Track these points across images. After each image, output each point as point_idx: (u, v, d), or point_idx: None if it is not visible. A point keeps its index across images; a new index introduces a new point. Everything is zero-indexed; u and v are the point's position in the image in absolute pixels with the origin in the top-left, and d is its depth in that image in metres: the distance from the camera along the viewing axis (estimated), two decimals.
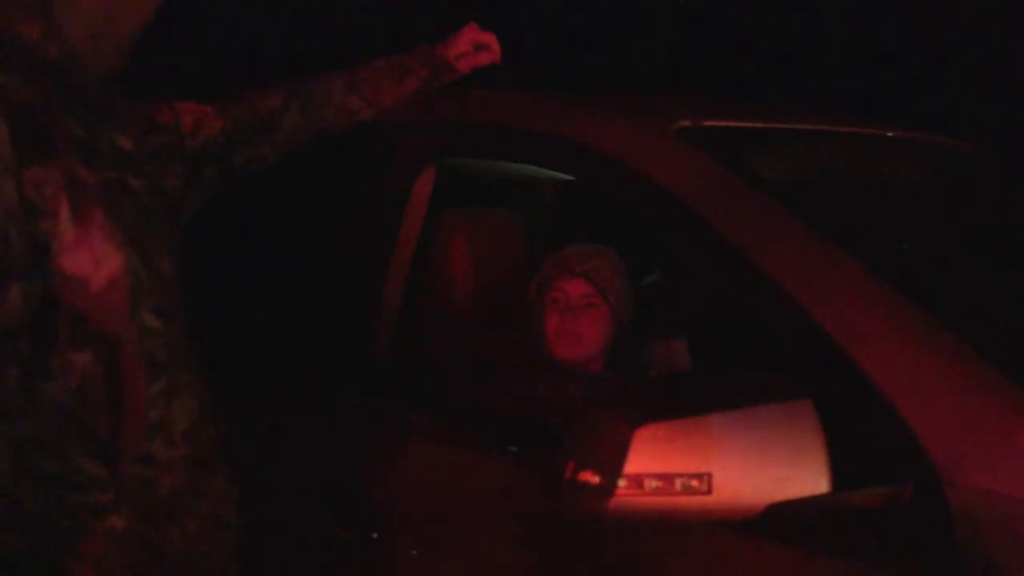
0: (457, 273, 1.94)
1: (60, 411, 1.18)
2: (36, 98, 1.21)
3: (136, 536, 1.20)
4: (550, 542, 1.41)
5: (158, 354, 1.21)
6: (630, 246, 2.43)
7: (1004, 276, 1.58)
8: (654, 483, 1.15)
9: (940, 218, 1.74)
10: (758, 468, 1.16)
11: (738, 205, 1.43)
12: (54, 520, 1.18)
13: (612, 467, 1.15)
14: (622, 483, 1.15)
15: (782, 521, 1.17)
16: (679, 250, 1.58)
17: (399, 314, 1.83)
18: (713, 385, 1.24)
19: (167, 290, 1.26)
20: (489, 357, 1.87)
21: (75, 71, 1.25)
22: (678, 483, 1.16)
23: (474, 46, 1.78)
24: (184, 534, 1.25)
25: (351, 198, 1.89)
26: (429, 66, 1.75)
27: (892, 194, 1.76)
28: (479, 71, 1.82)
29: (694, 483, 1.16)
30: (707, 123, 1.61)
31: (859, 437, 1.21)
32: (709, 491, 1.16)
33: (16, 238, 1.17)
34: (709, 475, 1.16)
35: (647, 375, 1.77)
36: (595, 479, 1.16)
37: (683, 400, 1.19)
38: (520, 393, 1.79)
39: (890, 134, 1.94)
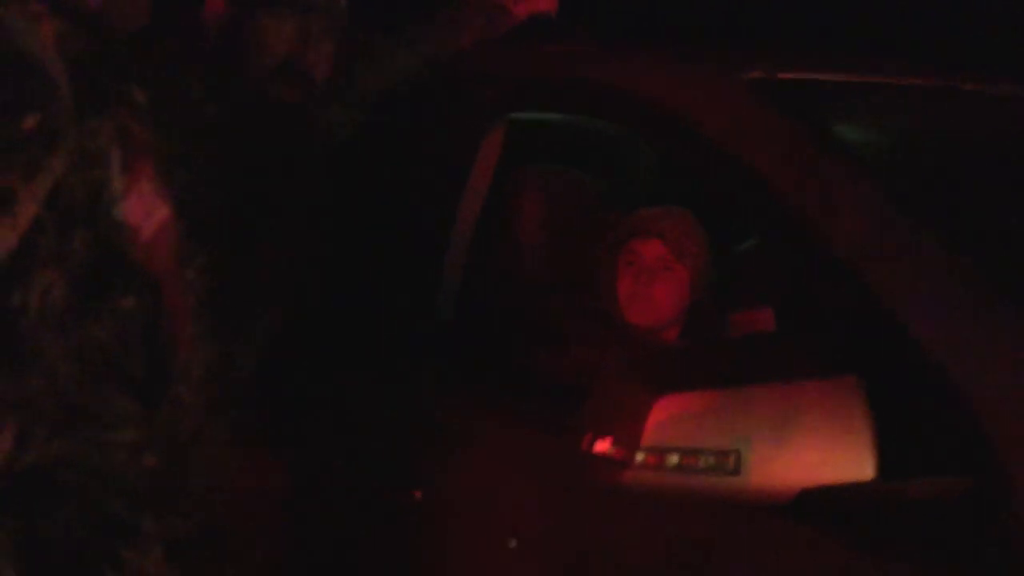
0: (526, 233, 1.88)
1: (102, 352, 1.22)
2: (89, 48, 1.24)
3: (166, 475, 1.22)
4: (591, 513, 1.34)
5: (191, 306, 1.22)
6: (733, 213, 2.31)
7: None
8: (676, 458, 1.07)
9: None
10: (793, 449, 1.06)
11: (805, 167, 1.31)
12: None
13: (630, 438, 1.07)
14: (641, 456, 1.07)
15: (817, 509, 1.06)
16: (748, 213, 1.47)
17: (464, 276, 1.78)
18: (749, 356, 1.13)
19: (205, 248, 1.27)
20: (556, 321, 1.81)
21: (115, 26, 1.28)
22: (702, 460, 1.07)
23: None
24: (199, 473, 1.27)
25: (419, 155, 1.85)
26: (484, 13, 1.70)
27: (987, 159, 1.58)
28: (538, 24, 1.75)
29: (720, 461, 1.06)
30: (782, 75, 1.48)
31: (914, 423, 1.09)
32: (736, 471, 1.06)
33: (78, 187, 1.21)
34: (737, 453, 1.06)
35: (683, 343, 1.66)
36: (612, 451, 1.09)
37: (713, 370, 1.09)
38: (587, 360, 1.72)
39: (991, 90, 1.73)
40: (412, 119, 1.81)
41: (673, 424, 1.06)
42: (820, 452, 1.06)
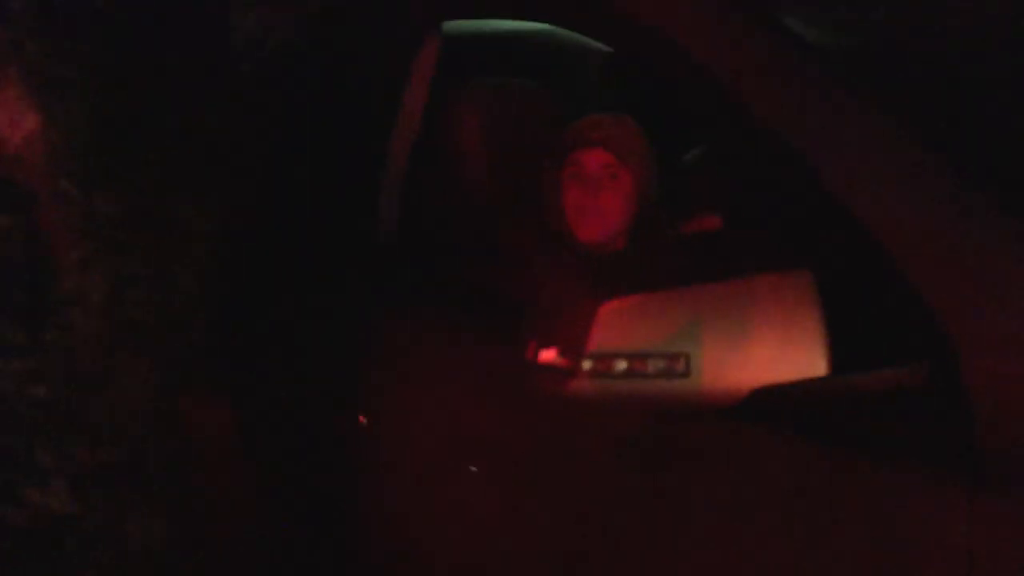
0: (469, 147, 1.81)
1: None
2: None
3: (61, 406, 1.17)
4: (528, 426, 1.31)
5: (74, 222, 1.15)
6: (681, 120, 2.25)
7: None
8: (623, 364, 1.03)
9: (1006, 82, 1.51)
10: (744, 348, 1.02)
11: (757, 60, 1.25)
12: None
13: (575, 346, 1.03)
14: (587, 364, 1.03)
15: (771, 408, 1.03)
16: (702, 115, 1.41)
17: (405, 195, 1.72)
18: (696, 254, 1.09)
19: (84, 158, 1.18)
20: (504, 239, 1.75)
21: None
22: (651, 365, 1.03)
23: None
24: (107, 404, 1.21)
25: (351, 70, 1.77)
26: None
27: (942, 50, 1.53)
28: None
29: (670, 364, 1.03)
30: None
31: (864, 313, 1.06)
32: (687, 373, 1.03)
33: None
34: (687, 356, 1.02)
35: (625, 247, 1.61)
36: (558, 359, 1.04)
37: (659, 272, 1.05)
38: (536, 276, 1.67)
39: None
40: (341, 31, 1.72)
41: (620, 329, 1.02)
42: (772, 350, 1.03)
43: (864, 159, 1.10)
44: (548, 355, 1.04)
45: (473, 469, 1.39)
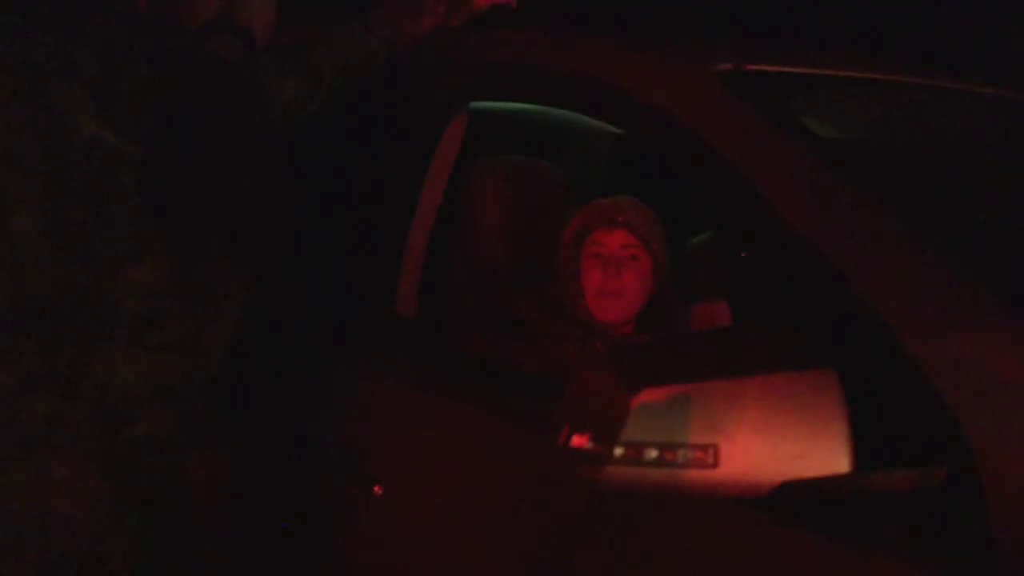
0: (488, 224, 1.85)
1: None
2: None
3: None
4: (554, 507, 1.33)
5: None
6: (686, 205, 2.31)
7: None
8: (654, 452, 1.06)
9: (1009, 184, 1.58)
10: (771, 442, 1.05)
11: (775, 156, 1.31)
12: None
13: (609, 433, 1.06)
14: (619, 451, 1.06)
15: (795, 501, 1.06)
16: (715, 205, 1.47)
17: (424, 267, 1.75)
18: (726, 349, 1.13)
19: None
20: (519, 315, 1.79)
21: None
22: (681, 454, 1.06)
23: None
24: None
25: (380, 143, 1.81)
26: (444, 1, 1.67)
27: (957, 155, 1.60)
28: (501, 11, 1.73)
29: (698, 455, 1.05)
30: (751, 67, 1.48)
31: (888, 414, 1.09)
32: (715, 464, 1.05)
33: None
34: (715, 447, 1.05)
35: (659, 336, 1.66)
36: (591, 445, 1.07)
37: (691, 363, 1.08)
38: (549, 354, 1.70)
39: (963, 87, 1.77)
40: (373, 106, 1.77)
41: (651, 418, 1.05)
42: (797, 445, 1.06)
43: (888, 264, 1.15)
44: (581, 440, 1.07)
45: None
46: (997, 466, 1.03)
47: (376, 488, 1.53)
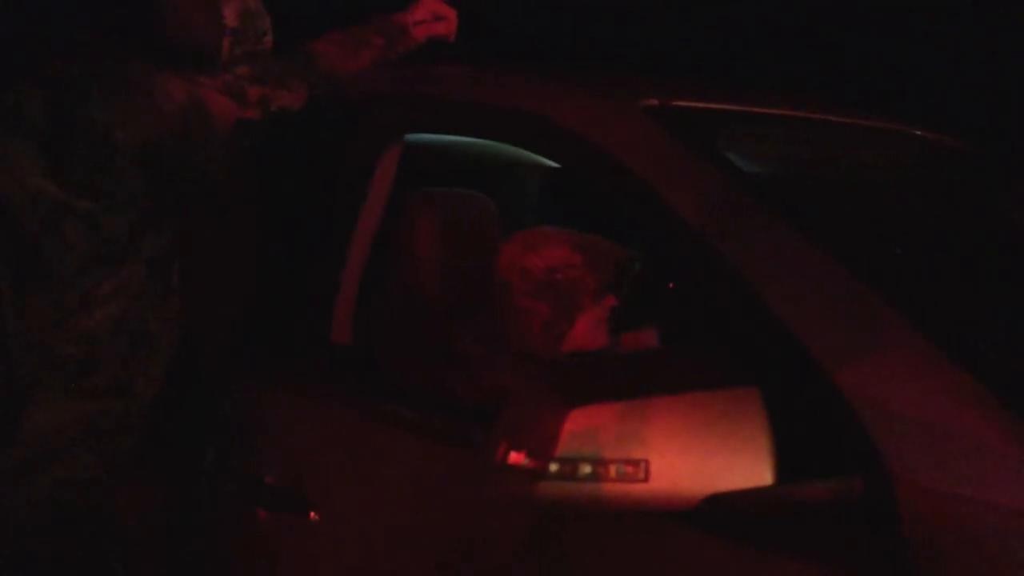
0: (423, 254, 1.88)
1: None
2: None
3: None
4: (493, 528, 1.36)
5: None
6: (619, 235, 2.37)
7: (973, 273, 1.52)
8: (588, 468, 1.10)
9: (915, 213, 1.68)
10: (698, 457, 1.11)
11: (700, 187, 1.37)
12: None
13: (544, 450, 1.10)
14: (555, 467, 1.10)
15: (721, 513, 1.11)
16: (643, 234, 1.53)
17: (359, 296, 1.78)
18: (654, 369, 1.18)
19: None
20: (454, 344, 1.82)
21: None
22: (613, 469, 1.10)
23: (433, 16, 1.75)
24: None
25: (313, 175, 1.84)
26: (384, 34, 1.72)
27: (867, 186, 1.70)
28: (438, 47, 1.78)
29: (630, 469, 1.10)
30: (676, 103, 1.56)
31: (807, 429, 1.15)
32: (646, 479, 1.10)
33: None
34: (646, 462, 1.10)
35: (591, 358, 1.70)
36: (527, 462, 1.11)
37: (622, 383, 1.13)
38: (484, 382, 1.74)
39: (871, 124, 1.87)
40: (310, 137, 1.80)
41: (584, 435, 1.10)
42: (723, 459, 1.11)
43: (807, 289, 1.22)
44: (518, 457, 1.11)
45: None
46: (908, 477, 1.10)
47: (312, 514, 1.54)
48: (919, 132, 1.94)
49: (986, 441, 1.09)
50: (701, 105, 1.58)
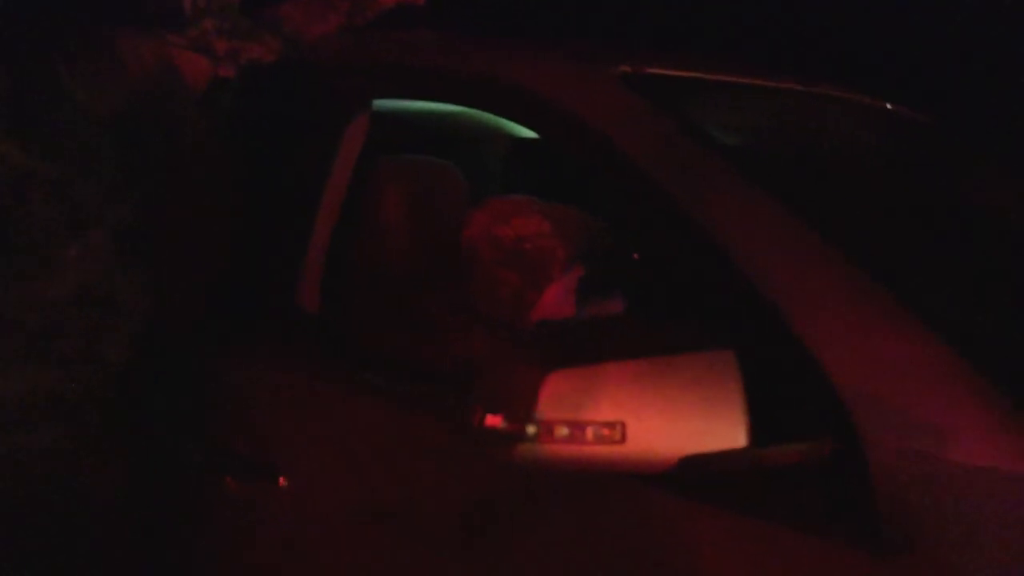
0: (390, 222, 1.87)
1: None
2: None
3: None
4: (466, 491, 1.36)
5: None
6: (584, 206, 2.37)
7: (942, 242, 1.54)
8: (565, 430, 1.10)
9: (884, 183, 1.70)
10: (674, 419, 1.11)
11: (674, 154, 1.38)
12: None
13: (521, 413, 1.10)
14: (532, 430, 1.10)
15: (696, 474, 1.12)
16: (614, 199, 1.53)
17: (325, 265, 1.76)
18: (631, 332, 1.18)
19: None
20: (423, 311, 1.81)
21: None
22: (590, 431, 1.10)
23: None
24: None
25: (283, 141, 1.81)
26: None
27: (838, 156, 1.71)
28: (407, 12, 1.76)
29: (606, 432, 1.10)
30: (649, 70, 1.55)
31: (780, 392, 1.17)
32: (622, 440, 1.11)
33: None
34: (623, 424, 1.11)
35: (568, 322, 1.71)
36: (504, 425, 1.11)
37: (598, 346, 1.13)
38: (453, 350, 1.73)
39: (842, 96, 1.89)
40: (276, 103, 1.77)
41: (563, 397, 1.10)
42: (698, 421, 1.12)
43: (779, 253, 1.23)
44: (494, 420, 1.11)
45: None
46: (879, 439, 1.12)
47: (281, 480, 1.53)
48: (890, 106, 1.96)
49: (955, 401, 1.12)
50: (675, 73, 1.59)
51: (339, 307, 1.79)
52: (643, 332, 1.18)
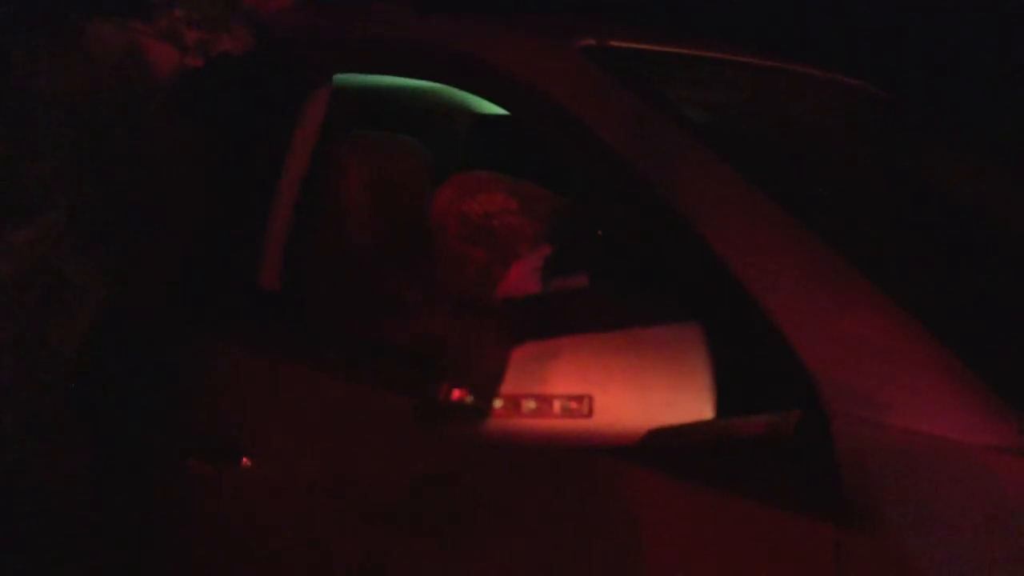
0: (354, 200, 1.84)
1: None
2: None
3: None
4: (430, 467, 1.35)
5: None
6: (550, 182, 2.36)
7: (906, 217, 1.55)
8: (532, 404, 1.09)
9: (848, 157, 1.71)
10: (640, 392, 1.11)
11: (638, 128, 1.37)
12: None
13: (488, 387, 1.09)
14: (498, 404, 1.09)
15: (663, 447, 1.12)
16: (577, 174, 1.52)
17: (287, 241, 1.73)
18: (597, 305, 1.18)
19: None
20: (387, 288, 1.79)
21: None
22: (557, 405, 1.10)
23: None
24: None
25: (242, 117, 1.78)
26: None
27: (802, 131, 1.72)
28: None
29: (573, 405, 1.10)
30: (612, 43, 1.54)
31: (746, 364, 1.17)
32: (590, 414, 1.10)
33: None
34: (590, 397, 1.10)
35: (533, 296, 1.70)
36: (470, 399, 1.10)
37: (563, 319, 1.13)
38: (418, 328, 1.72)
39: (806, 72, 1.89)
40: (236, 78, 1.74)
41: (529, 371, 1.09)
42: (665, 394, 1.12)
43: (746, 226, 1.23)
44: (461, 395, 1.10)
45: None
46: (843, 411, 1.12)
47: (244, 460, 1.51)
48: (854, 82, 1.96)
49: (919, 373, 1.12)
50: (638, 46, 1.57)
51: (302, 285, 1.77)
52: (609, 305, 1.17)
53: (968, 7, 3.84)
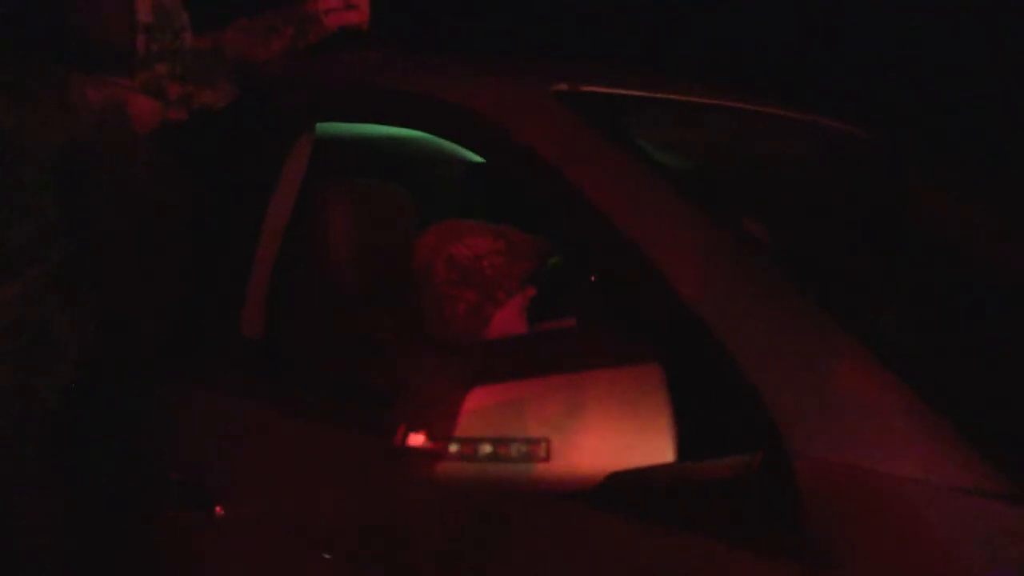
0: (335, 245, 1.85)
1: None
2: None
3: None
4: (401, 515, 1.34)
5: None
6: (540, 228, 2.37)
7: (877, 256, 1.54)
8: (488, 448, 1.08)
9: (815, 199, 1.70)
10: (600, 435, 1.10)
11: (608, 172, 1.37)
12: None
13: (443, 430, 1.08)
14: (454, 447, 1.08)
15: (624, 491, 1.11)
16: (551, 217, 1.52)
17: (269, 289, 1.74)
18: (555, 347, 1.17)
19: None
20: (371, 335, 1.79)
21: None
22: (514, 448, 1.09)
23: (344, 4, 1.73)
24: None
25: (226, 164, 1.80)
26: (293, 22, 1.70)
27: (772, 172, 1.72)
28: (349, 36, 1.76)
29: (531, 449, 1.09)
30: (585, 88, 1.56)
31: (708, 406, 1.16)
32: (547, 458, 1.09)
33: None
34: (547, 441, 1.09)
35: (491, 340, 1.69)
36: (426, 443, 1.09)
37: (521, 361, 1.12)
38: (400, 371, 1.71)
39: (778, 113, 1.90)
40: (220, 126, 1.76)
41: (485, 414, 1.08)
42: (625, 437, 1.10)
43: (710, 268, 1.22)
44: (417, 439, 1.09)
45: (326, 556, 1.41)
46: (806, 451, 1.11)
47: (218, 509, 1.50)
48: (826, 122, 1.96)
49: (882, 414, 1.11)
50: (611, 91, 1.59)
51: (285, 332, 1.78)
52: (568, 347, 1.17)
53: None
